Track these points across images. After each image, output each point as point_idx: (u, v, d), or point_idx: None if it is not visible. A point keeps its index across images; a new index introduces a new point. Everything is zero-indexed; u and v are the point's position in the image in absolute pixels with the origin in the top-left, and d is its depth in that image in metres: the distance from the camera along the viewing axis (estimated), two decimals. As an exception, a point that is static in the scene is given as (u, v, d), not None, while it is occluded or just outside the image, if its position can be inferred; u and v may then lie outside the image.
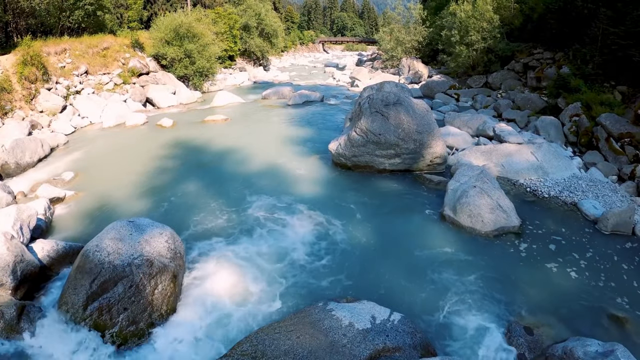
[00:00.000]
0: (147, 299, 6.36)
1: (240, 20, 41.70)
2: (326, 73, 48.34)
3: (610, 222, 9.30)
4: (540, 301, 7.09)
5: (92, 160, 14.05)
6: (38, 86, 18.86)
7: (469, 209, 9.31)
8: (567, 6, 20.35)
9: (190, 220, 9.61)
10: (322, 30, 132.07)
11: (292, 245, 8.65)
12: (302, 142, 15.65)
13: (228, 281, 7.42)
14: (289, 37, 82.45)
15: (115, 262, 6.39)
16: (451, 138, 14.70)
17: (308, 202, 10.56)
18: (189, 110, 23.21)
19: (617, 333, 6.43)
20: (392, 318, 6.02)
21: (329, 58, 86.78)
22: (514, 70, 24.78)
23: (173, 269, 6.86)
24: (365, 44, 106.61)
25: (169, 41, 27.94)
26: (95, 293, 6.17)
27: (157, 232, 7.20)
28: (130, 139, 16.93)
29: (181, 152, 14.71)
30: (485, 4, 26.91)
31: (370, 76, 33.98)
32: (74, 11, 26.18)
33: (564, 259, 8.30)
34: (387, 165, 12.30)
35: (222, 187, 11.56)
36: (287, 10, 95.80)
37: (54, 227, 9.50)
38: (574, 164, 12.41)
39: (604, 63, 16.45)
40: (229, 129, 18.17)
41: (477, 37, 26.51)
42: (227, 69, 37.93)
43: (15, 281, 6.53)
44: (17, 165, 12.96)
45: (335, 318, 5.88)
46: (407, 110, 12.22)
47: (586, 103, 14.91)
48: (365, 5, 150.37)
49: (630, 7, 15.58)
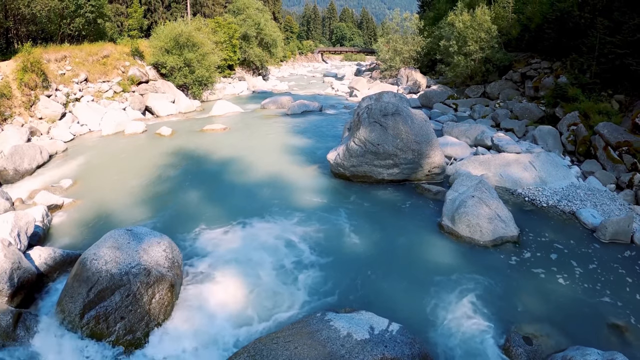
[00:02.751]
0: (144, 308, 6.32)
1: (240, 30, 41.96)
2: (325, 83, 48.59)
3: (608, 231, 9.30)
4: (539, 311, 7.06)
5: (90, 168, 14.05)
6: (38, 93, 18.93)
7: (468, 218, 9.30)
8: (564, 16, 20.55)
9: (188, 230, 9.58)
10: (321, 40, 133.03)
11: (290, 255, 8.61)
12: (300, 152, 15.67)
13: (226, 291, 7.37)
14: (288, 46, 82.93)
15: (113, 270, 6.36)
16: (449, 148, 14.73)
17: (306, 212, 10.54)
18: (188, 119, 23.27)
19: (616, 342, 6.39)
20: (390, 328, 5.99)
21: (327, 68, 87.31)
22: (512, 80, 24.94)
23: (171, 278, 6.82)
24: (363, 54, 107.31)
25: (168, 50, 28.09)
26: (92, 301, 6.13)
27: (155, 241, 7.18)
28: (129, 147, 16.94)
29: (180, 161, 14.71)
30: (484, 14, 27.15)
31: (369, 86, 34.09)
32: (75, 19, 26.38)
33: (563, 268, 8.28)
34: (385, 176, 12.31)
35: (221, 196, 11.55)
36: (286, 20, 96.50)
37: (52, 234, 9.47)
38: (572, 173, 12.44)
39: (601, 72, 16.57)
40: (228, 138, 18.20)
41: (475, 47, 26.70)
42: (226, 78, 38.08)
43: (12, 288, 6.49)
44: (16, 171, 12.95)
45: (333, 328, 5.84)
46: (406, 121, 12.26)
47: (584, 112, 14.98)
48: (364, 15, 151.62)
49: (627, 17, 15.74)
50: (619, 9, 16.58)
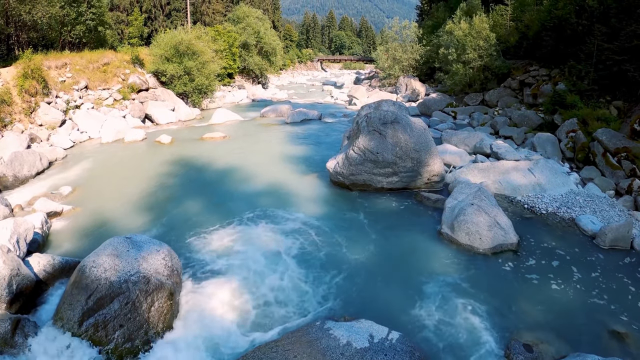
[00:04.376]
0: (144, 316, 6.30)
1: (240, 39, 42.20)
2: (324, 91, 48.74)
3: (608, 237, 9.30)
4: (540, 318, 7.03)
5: (90, 175, 14.05)
6: (38, 99, 18.98)
7: (467, 226, 9.30)
8: (562, 23, 20.68)
9: (187, 238, 9.56)
10: (321, 49, 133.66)
11: (290, 264, 8.58)
12: (300, 161, 15.69)
13: (225, 299, 7.35)
14: (287, 55, 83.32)
15: (112, 278, 6.34)
16: (449, 156, 14.76)
17: (305, 220, 10.53)
18: (188, 127, 23.32)
19: (617, 348, 6.36)
20: (390, 337, 5.97)
21: (327, 76, 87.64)
22: (511, 87, 25.06)
23: (170, 286, 6.80)
24: (363, 62, 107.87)
25: (168, 58, 28.23)
26: (91, 309, 6.11)
27: (155, 249, 7.17)
28: (128, 155, 16.96)
29: (179, 169, 14.71)
30: (482, 22, 27.31)
31: (368, 94, 34.22)
32: (76, 26, 26.55)
33: (563, 274, 8.27)
34: (384, 184, 12.31)
35: (220, 204, 11.53)
36: (286, 28, 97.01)
37: (51, 241, 9.45)
38: (571, 180, 12.46)
39: (600, 78, 16.66)
40: (227, 146, 18.22)
41: (473, 55, 26.84)
42: (225, 87, 38.23)
43: (11, 295, 6.46)
44: (15, 178, 12.96)
45: (333, 337, 5.82)
46: (405, 129, 12.29)
47: (582, 119, 15.03)
48: (363, 24, 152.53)
49: (624, 23, 15.83)
50: (616, 15, 16.69)
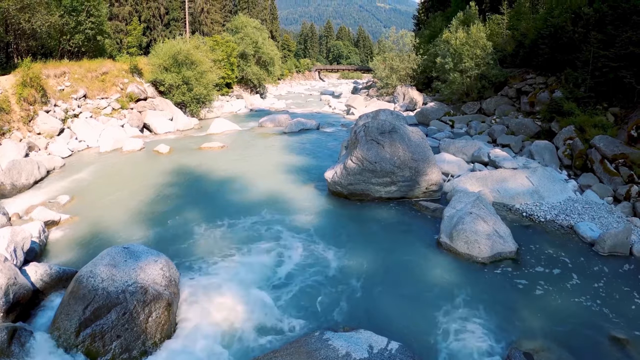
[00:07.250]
0: (141, 326, 6.25)
1: (238, 48, 42.37)
2: (322, 101, 48.80)
3: (607, 244, 9.30)
4: (540, 326, 7.00)
5: (88, 184, 14.02)
6: (36, 108, 19.00)
7: (466, 235, 9.28)
8: (558, 31, 20.84)
9: (185, 248, 9.53)
10: (318, 59, 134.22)
11: (288, 274, 8.56)
12: (298, 170, 15.69)
13: (223, 310, 7.29)
14: (285, 65, 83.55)
15: (109, 288, 6.30)
16: (446, 165, 14.77)
17: (304, 230, 10.51)
18: (186, 136, 23.33)
19: (617, 355, 6.34)
20: (389, 347, 5.93)
21: (324, 86, 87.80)
22: (508, 95, 25.18)
23: (167, 296, 6.75)
24: (360, 72, 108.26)
25: (167, 67, 28.31)
26: (88, 319, 6.06)
27: (152, 259, 7.14)
28: (126, 164, 16.94)
29: (177, 179, 14.69)
30: (479, 31, 27.50)
31: (366, 104, 34.28)
32: (75, 35, 26.62)
33: (562, 282, 8.26)
34: (383, 193, 12.30)
35: (218, 215, 11.49)
36: (284, 38, 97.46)
37: (48, 250, 9.40)
38: (569, 187, 12.48)
39: (596, 85, 16.75)
40: (226, 156, 18.22)
41: (470, 64, 27.00)
42: (224, 96, 38.29)
43: (7, 304, 6.42)
44: (13, 186, 12.93)
45: (332, 348, 5.78)
46: (403, 138, 12.31)
47: (579, 126, 15.09)
48: (361, 33, 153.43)
49: (620, 30, 15.96)
50: (612, 22, 16.85)
